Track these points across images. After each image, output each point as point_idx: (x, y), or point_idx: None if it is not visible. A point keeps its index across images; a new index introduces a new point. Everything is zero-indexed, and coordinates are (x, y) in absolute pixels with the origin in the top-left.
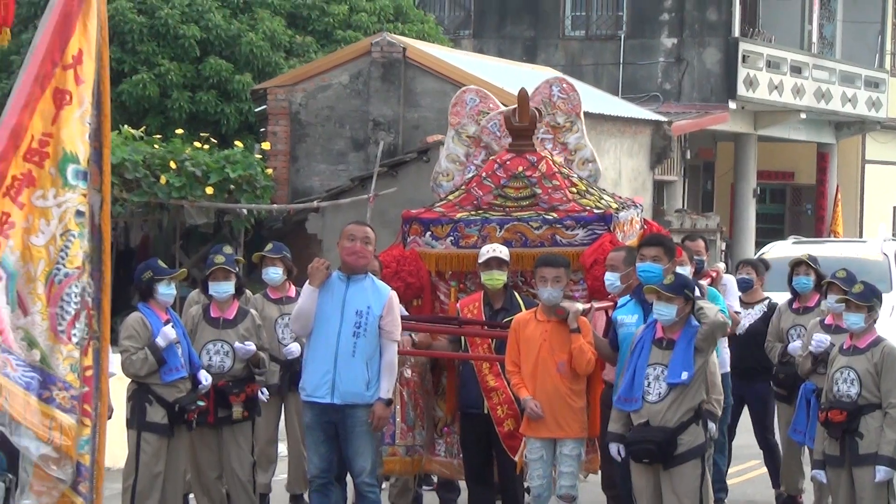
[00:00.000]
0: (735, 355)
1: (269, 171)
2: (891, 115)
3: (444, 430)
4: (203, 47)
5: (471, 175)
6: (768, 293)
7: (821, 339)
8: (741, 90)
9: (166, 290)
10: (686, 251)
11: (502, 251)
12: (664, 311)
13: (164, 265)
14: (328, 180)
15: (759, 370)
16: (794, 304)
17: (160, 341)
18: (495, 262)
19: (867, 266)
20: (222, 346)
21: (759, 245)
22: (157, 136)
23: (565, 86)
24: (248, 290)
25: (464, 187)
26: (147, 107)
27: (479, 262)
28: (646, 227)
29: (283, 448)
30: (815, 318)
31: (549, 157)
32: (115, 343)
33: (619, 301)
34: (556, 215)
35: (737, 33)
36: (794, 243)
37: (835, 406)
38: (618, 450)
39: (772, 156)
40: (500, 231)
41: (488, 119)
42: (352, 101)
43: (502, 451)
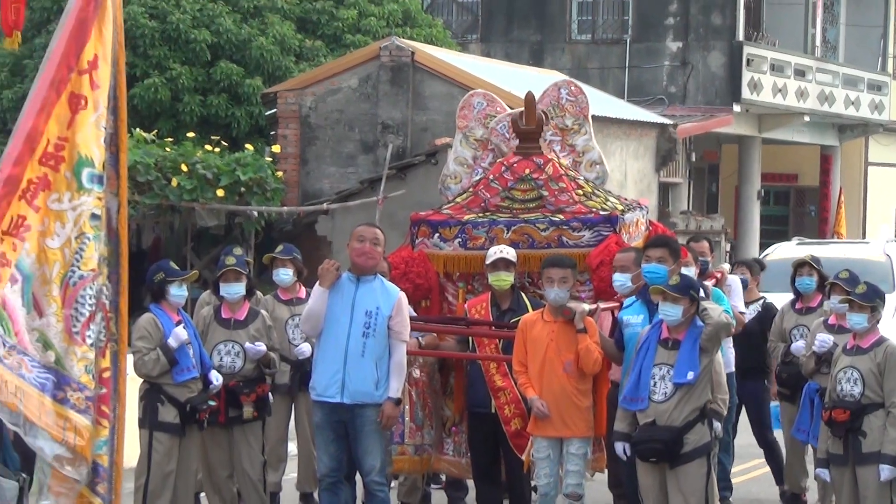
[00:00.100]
0: None
1: (280, 173)
2: (893, 117)
3: (453, 429)
4: (214, 51)
5: (478, 178)
6: (772, 294)
7: (824, 339)
8: (745, 93)
9: (178, 292)
10: (691, 252)
11: (509, 252)
12: (670, 311)
13: (176, 267)
14: (338, 183)
15: (753, 369)
16: (797, 305)
17: (172, 342)
18: (502, 264)
19: (870, 267)
20: (233, 346)
21: (764, 246)
22: (169, 139)
23: (573, 88)
24: (258, 292)
25: (471, 189)
26: (159, 110)
27: (487, 263)
28: (651, 228)
29: (293, 447)
30: (819, 318)
31: (556, 160)
32: (128, 344)
33: (625, 301)
34: (562, 217)
35: (741, 37)
36: (797, 244)
37: (838, 405)
38: (623, 449)
39: (776, 158)
40: (508, 233)
41: (497, 121)
42: (361, 105)
43: (509, 449)
